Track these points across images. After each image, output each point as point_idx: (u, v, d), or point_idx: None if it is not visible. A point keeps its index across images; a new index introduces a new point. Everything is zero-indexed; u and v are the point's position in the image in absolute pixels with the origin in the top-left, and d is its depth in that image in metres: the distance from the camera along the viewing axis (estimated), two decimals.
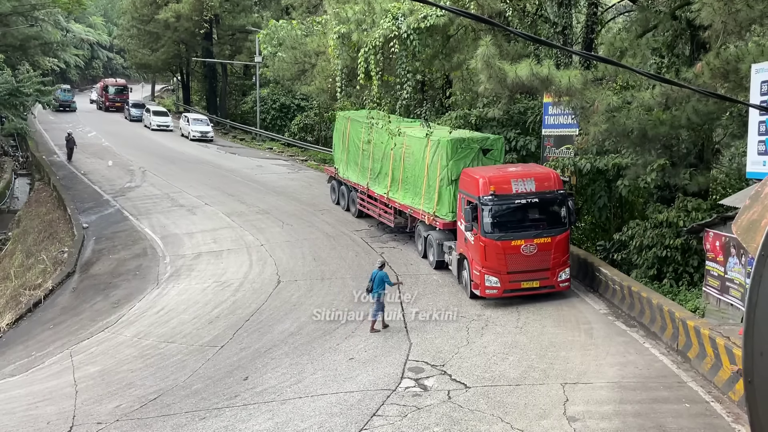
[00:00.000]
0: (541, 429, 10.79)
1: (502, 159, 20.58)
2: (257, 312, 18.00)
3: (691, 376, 12.77)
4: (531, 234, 16.93)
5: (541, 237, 16.88)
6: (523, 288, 16.90)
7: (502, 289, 16.81)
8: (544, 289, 17.02)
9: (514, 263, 16.71)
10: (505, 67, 16.71)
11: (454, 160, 19.62)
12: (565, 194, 17.41)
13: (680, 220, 17.10)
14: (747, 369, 2.41)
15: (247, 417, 12.11)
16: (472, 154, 19.85)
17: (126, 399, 13.78)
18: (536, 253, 16.75)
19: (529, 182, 17.10)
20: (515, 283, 16.79)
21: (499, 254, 16.70)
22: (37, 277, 24.95)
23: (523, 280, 16.85)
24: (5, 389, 16.24)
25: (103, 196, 32.42)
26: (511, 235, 16.84)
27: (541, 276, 16.89)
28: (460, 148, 19.73)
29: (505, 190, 16.94)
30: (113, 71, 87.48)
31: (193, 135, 47.38)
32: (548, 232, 16.99)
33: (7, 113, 36.84)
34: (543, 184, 17.18)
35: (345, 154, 27.10)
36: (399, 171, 22.56)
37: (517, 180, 17.09)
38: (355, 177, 26.12)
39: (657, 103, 16.68)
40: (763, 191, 2.92)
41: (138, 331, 18.21)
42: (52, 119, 49.86)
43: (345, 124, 27.44)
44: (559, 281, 17.04)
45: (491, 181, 16.97)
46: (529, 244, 16.77)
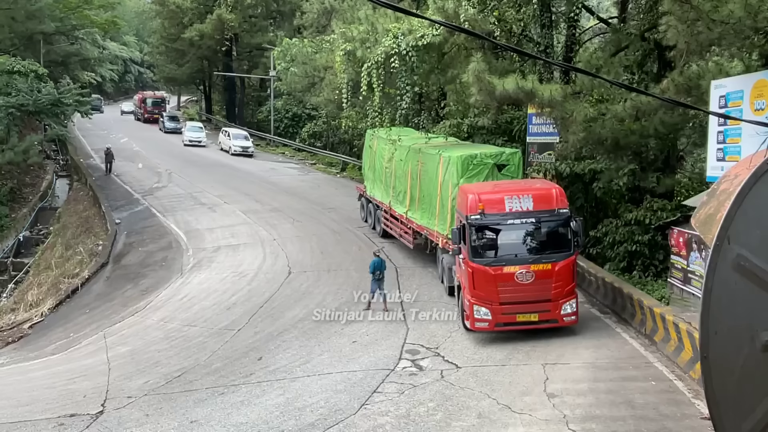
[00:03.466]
0: (524, 404, 10.78)
1: (519, 175, 17.51)
2: (270, 299, 17.99)
3: (657, 357, 12.77)
4: (527, 259, 13.38)
5: (540, 263, 13.30)
6: (518, 322, 13.42)
7: (493, 323, 13.34)
8: (544, 323, 13.44)
9: (508, 293, 13.23)
10: (493, 81, 16.72)
11: (465, 178, 16.70)
12: (569, 214, 13.61)
13: (647, 219, 17.22)
14: (703, 346, 2.44)
15: (261, 393, 12.12)
16: (486, 171, 16.96)
17: (153, 376, 13.79)
18: (534, 282, 13.20)
19: (526, 200, 13.61)
20: (509, 316, 13.34)
21: (489, 282, 13.26)
22: (74, 267, 24.99)
23: (519, 312, 13.36)
24: (47, 366, 16.28)
25: (134, 195, 32.42)
26: (503, 260, 13.43)
27: (540, 308, 13.35)
28: (471, 165, 16.92)
29: (497, 209, 13.58)
30: (144, 84, 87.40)
31: (234, 150, 42.99)
32: (548, 258, 13.35)
33: (49, 121, 36.82)
34: (542, 203, 13.62)
35: (372, 171, 24.15)
36: (416, 190, 19.58)
37: (511, 197, 13.62)
38: (380, 195, 23.05)
39: (628, 114, 16.69)
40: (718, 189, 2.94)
41: (164, 315, 18.22)
42: (89, 126, 49.78)
43: (373, 141, 24.27)
44: (563, 315, 13.37)
45: (481, 198, 13.68)
46: (525, 270, 13.21)
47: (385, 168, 22.38)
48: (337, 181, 36.45)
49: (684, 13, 12.86)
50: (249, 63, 56.39)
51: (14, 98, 33.30)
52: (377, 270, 16.03)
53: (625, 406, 10.68)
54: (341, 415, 10.75)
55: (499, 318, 13.29)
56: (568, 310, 13.45)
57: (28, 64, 36.29)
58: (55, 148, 42.48)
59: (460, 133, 24.50)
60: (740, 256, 2.32)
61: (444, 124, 25.68)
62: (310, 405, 11.30)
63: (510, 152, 17.87)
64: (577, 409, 10.56)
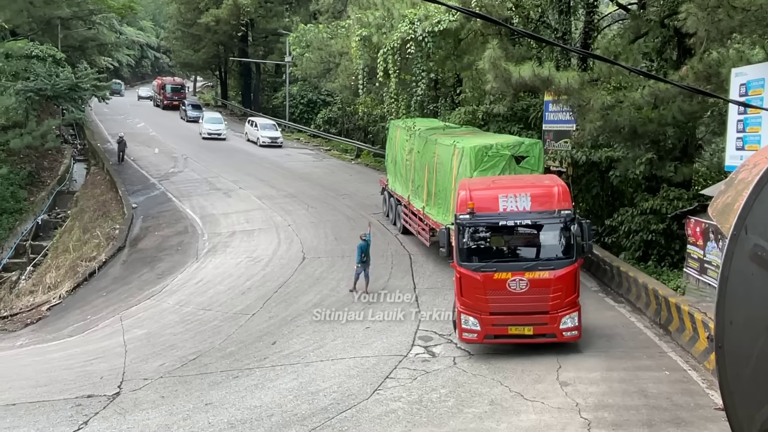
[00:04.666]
0: (536, 392, 10.80)
1: (540, 168, 16.26)
2: (284, 285, 18.10)
3: (671, 347, 12.72)
4: (521, 266, 11.83)
5: (535, 270, 11.77)
6: (510, 335, 12.00)
7: (482, 334, 11.98)
8: (540, 338, 11.95)
9: (499, 302, 11.78)
10: (510, 68, 16.59)
11: (479, 171, 15.49)
12: (572, 216, 11.92)
13: (664, 208, 17.09)
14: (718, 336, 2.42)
15: (275, 377, 12.23)
16: (503, 163, 15.69)
17: (169, 359, 13.95)
18: (528, 291, 11.70)
19: (523, 199, 11.97)
20: (500, 328, 11.92)
21: (478, 289, 11.87)
22: (92, 251, 25.25)
23: (511, 324, 11.89)
24: (65, 348, 16.52)
25: (150, 179, 32.66)
26: (493, 265, 11.89)
27: (535, 321, 11.84)
28: (486, 156, 15.73)
29: (489, 208, 12.04)
30: (160, 69, 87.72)
31: (262, 141, 40.60)
32: (546, 265, 11.82)
33: (67, 106, 37.09)
34: (542, 202, 12.00)
35: (394, 164, 22.98)
36: (432, 184, 18.50)
37: (507, 195, 12.02)
38: (400, 189, 21.95)
39: (646, 102, 16.51)
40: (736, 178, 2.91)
41: (179, 299, 18.40)
42: (107, 111, 50.11)
43: (395, 132, 22.91)
44: (562, 329, 11.85)
45: (472, 195, 12.18)
46: (519, 278, 11.67)
47: (405, 160, 21.27)
48: (351, 167, 36.47)
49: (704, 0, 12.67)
50: (265, 48, 56.41)
51: (32, 83, 33.56)
52: (362, 253, 16.39)
53: (638, 395, 10.66)
54: (354, 399, 10.83)
55: (488, 329, 11.88)
56: (569, 324, 11.86)
57: (46, 49, 36.52)
58: (73, 132, 42.83)
59: (476, 121, 24.38)
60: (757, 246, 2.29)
61: (459, 111, 25.56)
62: (323, 389, 11.39)
63: (530, 143, 16.60)
64: (590, 397, 10.55)
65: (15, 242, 29.45)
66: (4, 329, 20.77)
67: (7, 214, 30.45)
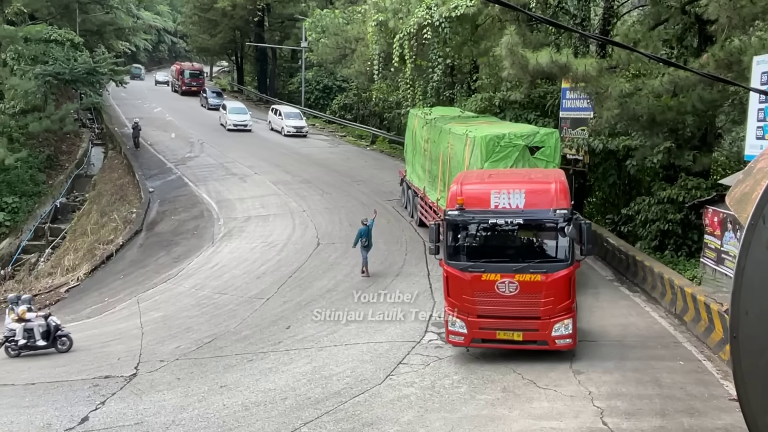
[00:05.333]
0: (549, 380, 10.80)
1: (557, 159, 15.46)
2: (299, 270, 18.20)
3: (686, 337, 12.65)
4: (511, 267, 10.96)
5: (526, 273, 10.92)
6: (498, 339, 11.32)
7: (469, 338, 11.34)
8: (530, 344, 11.25)
9: (486, 305, 11.09)
10: (527, 54, 16.43)
11: (491, 161, 14.86)
12: (569, 216, 10.94)
13: (681, 197, 16.94)
14: (733, 326, 2.41)
15: (289, 360, 12.34)
16: (515, 153, 15.00)
17: (184, 341, 14.13)
18: (518, 295, 10.93)
19: (517, 195, 11.09)
20: (488, 332, 11.25)
21: (465, 290, 11.20)
22: (109, 234, 25.54)
23: (500, 328, 11.17)
24: (83, 329, 16.75)
25: (167, 164, 32.88)
26: (482, 265, 11.12)
27: (525, 326, 11.10)
28: (498, 146, 15.06)
29: (479, 204, 11.24)
30: (177, 54, 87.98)
31: (287, 131, 39.44)
32: (537, 268, 10.94)
33: (85, 90, 37.35)
34: (537, 200, 11.11)
35: (412, 154, 22.38)
36: (447, 175, 17.80)
37: (500, 192, 11.16)
38: (417, 180, 21.46)
39: (665, 90, 16.29)
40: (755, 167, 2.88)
41: (195, 283, 18.58)
42: (124, 96, 50.43)
43: (413, 121, 22.30)
44: (554, 336, 11.05)
45: (463, 190, 11.47)
46: (508, 280, 10.89)
47: (423, 150, 20.75)
48: (366, 153, 36.44)
49: None
50: (281, 34, 56.30)
51: (51, 67, 33.81)
52: (363, 237, 16.85)
53: (652, 384, 10.63)
54: (367, 384, 10.91)
55: (475, 333, 11.24)
56: (562, 331, 11.01)
57: (64, 33, 36.73)
58: (91, 116, 43.14)
59: (492, 108, 24.22)
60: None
61: (476, 98, 25.40)
62: (336, 374, 11.48)
63: (545, 132, 15.72)
64: (603, 386, 10.54)
65: (34, 225, 29.85)
66: None
67: (26, 197, 30.84)
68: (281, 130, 40.02)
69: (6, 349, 14.36)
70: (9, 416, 10.62)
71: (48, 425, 10.21)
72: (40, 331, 14.25)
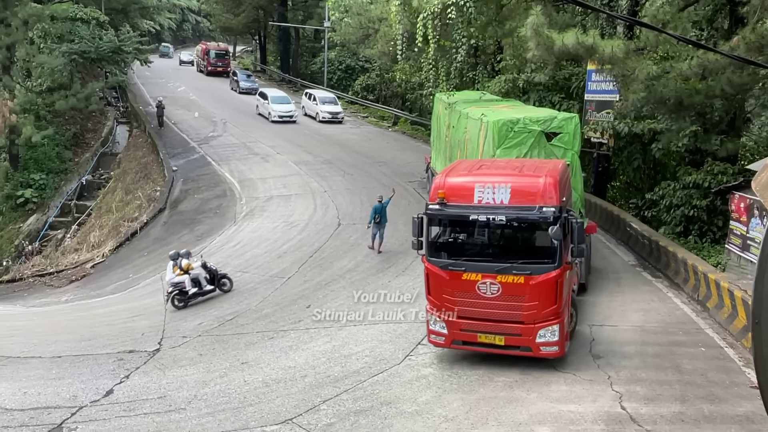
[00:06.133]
0: (567, 363, 10.78)
1: (576, 146, 14.37)
2: (320, 250, 18.30)
3: (708, 323, 12.54)
4: (492, 267, 10.21)
5: (509, 274, 10.12)
6: (480, 343, 10.58)
7: (450, 339, 10.74)
8: (513, 350, 10.47)
9: (467, 306, 10.41)
10: (552, 35, 16.18)
11: (503, 148, 13.88)
12: (556, 214, 10.01)
13: (707, 182, 16.70)
14: (755, 312, 2.39)
15: (309, 339, 12.47)
16: (531, 140, 13.93)
17: (206, 318, 14.34)
18: (500, 297, 10.19)
19: (502, 190, 10.24)
20: (469, 334, 10.58)
21: (445, 289, 10.55)
22: (134, 211, 25.90)
23: (481, 331, 10.47)
24: (108, 304, 17.11)
25: (190, 143, 33.12)
26: (463, 264, 10.43)
27: (508, 330, 10.33)
28: (512, 132, 14.03)
29: (462, 199, 10.44)
30: (200, 33, 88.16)
31: (322, 117, 37.79)
32: (521, 269, 10.13)
33: (110, 68, 37.68)
34: (523, 196, 10.22)
35: (437, 140, 21.39)
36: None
37: (484, 185, 10.33)
38: (440, 167, 20.09)
39: (694, 73, 15.97)
40: None
41: (217, 261, 18.72)
42: (148, 74, 50.74)
43: (438, 106, 21.27)
44: (539, 343, 10.26)
45: (446, 183, 10.69)
46: (490, 281, 10.15)
47: (445, 136, 19.79)
48: (388, 134, 36.35)
49: None
50: (304, 13, 56.12)
51: (77, 45, 34.13)
52: (377, 214, 17.18)
53: (672, 370, 10.57)
54: (386, 364, 10.99)
55: (456, 334, 10.64)
56: (547, 338, 10.21)
57: (89, 12, 36.99)
58: (116, 95, 43.52)
59: (516, 89, 23.96)
60: None
61: (499, 79, 25.15)
62: (355, 353, 11.58)
63: (563, 117, 14.49)
64: (622, 371, 10.51)
65: (61, 201, 30.36)
66: (51, 285, 21.60)
67: (53, 174, 31.35)
68: (315, 115, 38.26)
69: (172, 301, 15.43)
70: (37, 387, 10.91)
71: (74, 397, 10.47)
72: (205, 278, 15.68)
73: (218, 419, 9.44)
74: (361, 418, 9.31)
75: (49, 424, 9.53)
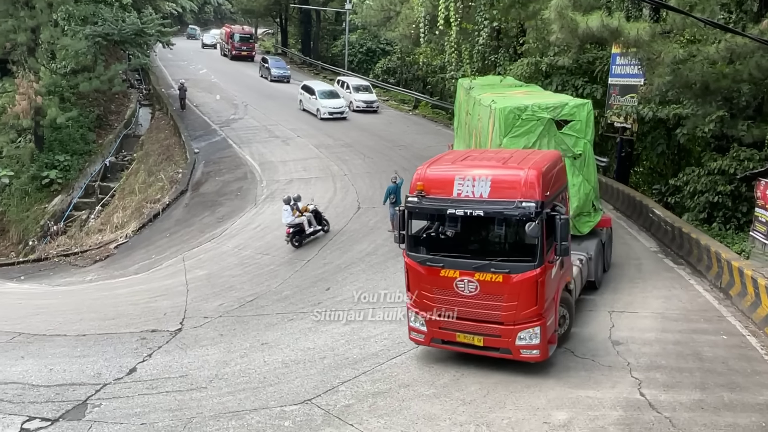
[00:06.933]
0: (587, 349, 10.76)
1: (589, 135, 13.47)
2: (339, 233, 18.36)
3: (730, 311, 12.40)
4: (470, 265, 9.75)
5: (487, 272, 9.62)
6: (459, 342, 10.13)
7: (429, 337, 10.32)
8: (492, 351, 9.95)
9: (446, 303, 9.98)
10: (577, 17, 15.94)
11: (510, 137, 13.11)
12: (537, 210, 9.31)
13: (732, 169, 16.44)
14: None
15: (328, 321, 12.55)
16: (539, 128, 13.13)
17: (227, 299, 14.50)
18: (478, 295, 9.71)
19: (482, 183, 9.67)
20: (448, 333, 10.12)
21: (423, 285, 10.14)
22: (156, 193, 26.16)
23: (460, 330, 10.01)
24: (131, 284, 17.36)
25: (212, 125, 33.29)
26: (441, 260, 9.99)
27: (486, 331, 9.83)
28: (519, 120, 13.18)
29: (441, 192, 9.94)
30: (222, 16, 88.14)
31: (356, 105, 35.59)
32: (499, 267, 9.60)
33: (133, 51, 37.86)
34: (503, 190, 9.60)
35: (459, 128, 20.22)
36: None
37: (465, 178, 9.79)
38: None
39: (721, 57, 15.68)
40: None
41: (238, 243, 18.96)
42: (170, 57, 50.91)
43: (460, 93, 20.21)
44: (518, 346, 9.73)
45: (426, 174, 10.17)
46: (468, 279, 9.71)
47: (465, 124, 18.86)
48: (408, 118, 36.19)
49: None
50: None
51: (100, 27, 34.28)
52: (392, 194, 17.29)
53: (693, 358, 10.49)
54: (404, 347, 11.04)
55: (435, 332, 10.23)
56: (527, 341, 9.69)
57: None
58: (138, 77, 43.79)
59: (538, 73, 23.67)
60: None
61: (522, 62, 24.85)
62: (374, 336, 11.65)
63: (575, 104, 13.53)
64: (642, 357, 10.46)
65: (85, 183, 30.78)
66: (76, 264, 21.97)
67: (77, 156, 31.75)
68: (349, 104, 35.65)
69: (291, 242, 17.31)
70: (62, 365, 11.14)
71: (98, 374, 10.68)
72: (313, 219, 17.65)
73: (238, 398, 9.58)
74: (379, 399, 9.39)
75: (74, 400, 9.74)
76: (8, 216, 30.09)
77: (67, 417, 9.24)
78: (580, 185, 13.36)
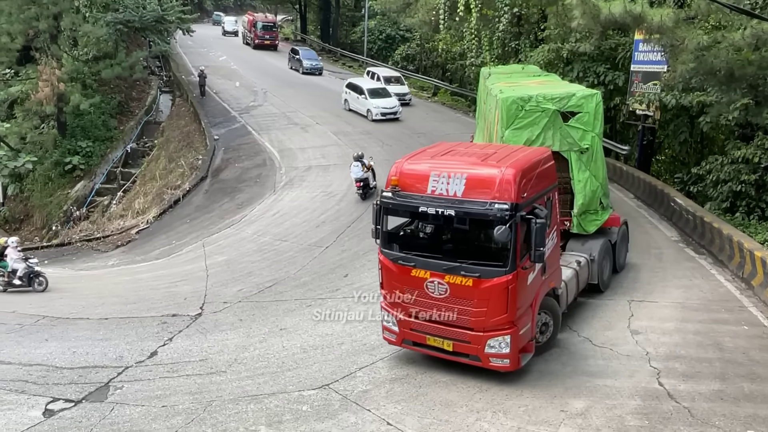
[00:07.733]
0: (605, 338, 10.71)
1: (598, 128, 12.50)
2: (357, 220, 18.40)
3: (752, 302, 12.25)
4: (441, 266, 9.23)
5: (457, 274, 9.10)
6: (429, 345, 9.69)
7: (400, 338, 9.95)
8: (461, 357, 9.49)
9: (416, 303, 9.53)
10: (599, 3, 15.74)
11: (513, 129, 12.42)
12: (510, 212, 8.63)
13: (757, 157, 16.17)
14: None
15: (346, 308, 12.61)
16: (544, 120, 12.31)
17: (246, 285, 14.63)
18: (448, 298, 9.23)
19: (457, 181, 9.08)
20: (418, 335, 9.71)
21: (395, 284, 9.70)
22: (176, 179, 26.39)
23: (429, 333, 9.59)
24: (152, 269, 17.58)
25: (231, 112, 33.42)
26: (412, 259, 9.50)
27: (456, 336, 9.36)
28: (523, 111, 12.42)
29: (415, 188, 9.41)
30: (242, 2, 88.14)
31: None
32: (470, 270, 9.04)
33: (153, 38, 38.07)
34: (476, 189, 8.96)
35: (479, 119, 19.27)
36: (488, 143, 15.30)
37: (440, 174, 9.22)
38: None
39: (747, 43, 15.34)
40: None
41: (257, 229, 19.08)
42: (191, 44, 51.06)
43: (481, 82, 19.21)
44: (488, 354, 9.22)
45: (402, 169, 9.68)
46: (438, 280, 9.21)
47: (483, 114, 17.91)
48: (428, 105, 36.02)
49: None
50: None
51: (121, 14, 34.53)
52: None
53: (713, 348, 10.40)
54: None
55: (406, 334, 9.83)
56: (497, 349, 9.15)
57: None
58: (159, 64, 44.03)
59: (559, 60, 23.41)
60: None
61: (543, 49, 24.59)
62: None
63: (583, 95, 12.64)
64: (661, 347, 10.39)
65: (106, 169, 31.13)
66: (98, 249, 22.29)
67: (99, 142, 32.09)
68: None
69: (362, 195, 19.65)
70: (85, 347, 11.34)
71: (120, 357, 10.86)
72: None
73: (257, 383, 9.69)
74: (396, 385, 9.45)
75: (96, 382, 9.92)
76: (32, 201, 30.57)
77: (90, 399, 9.42)
78: (587, 182, 12.48)
